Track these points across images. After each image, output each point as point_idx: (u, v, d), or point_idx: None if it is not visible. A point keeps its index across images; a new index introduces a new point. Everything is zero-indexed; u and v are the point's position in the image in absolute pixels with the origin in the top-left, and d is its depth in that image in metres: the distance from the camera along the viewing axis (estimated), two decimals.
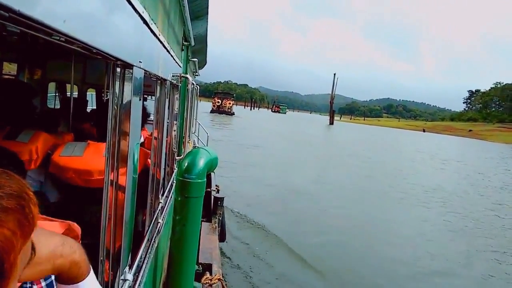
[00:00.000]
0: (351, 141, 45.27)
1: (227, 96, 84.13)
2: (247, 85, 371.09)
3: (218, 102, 78.56)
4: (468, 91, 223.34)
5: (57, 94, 5.39)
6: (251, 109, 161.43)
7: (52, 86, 5.25)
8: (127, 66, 1.23)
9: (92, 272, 0.82)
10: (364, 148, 36.21)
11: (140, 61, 1.35)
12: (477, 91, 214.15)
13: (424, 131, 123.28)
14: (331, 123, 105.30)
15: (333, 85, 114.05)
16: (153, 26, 1.58)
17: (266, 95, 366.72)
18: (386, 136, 71.51)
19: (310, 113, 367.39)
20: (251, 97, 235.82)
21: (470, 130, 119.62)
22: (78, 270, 0.76)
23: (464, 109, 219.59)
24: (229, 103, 79.08)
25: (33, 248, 0.64)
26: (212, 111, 73.92)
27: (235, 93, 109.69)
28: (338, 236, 9.82)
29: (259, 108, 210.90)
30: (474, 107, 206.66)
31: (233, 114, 77.70)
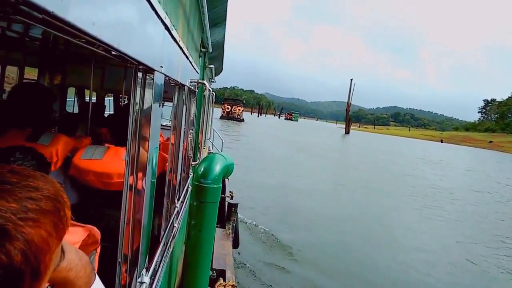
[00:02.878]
0: (388, 156, 39.18)
1: (236, 102, 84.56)
2: (253, 91, 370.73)
3: (228, 108, 79.14)
4: (483, 100, 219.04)
5: (76, 99, 5.49)
6: (258, 116, 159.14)
7: (71, 91, 5.35)
8: (148, 70, 1.25)
9: (96, 284, 0.80)
10: (429, 174, 27.97)
11: (161, 66, 1.37)
12: (493, 100, 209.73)
13: (441, 141, 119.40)
14: (347, 132, 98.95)
15: (349, 92, 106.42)
16: (174, 32, 1.60)
17: (272, 101, 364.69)
18: (414, 147, 67.22)
19: (317, 120, 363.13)
20: (258, 103, 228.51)
21: (490, 142, 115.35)
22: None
23: (479, 118, 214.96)
24: (239, 110, 79.48)
25: (62, 251, 0.65)
26: (221, 117, 74.07)
27: (237, 98, 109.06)
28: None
29: (266, 114, 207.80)
30: (489, 117, 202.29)
31: (242, 120, 77.99)
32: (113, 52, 0.87)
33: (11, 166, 0.54)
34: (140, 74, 1.22)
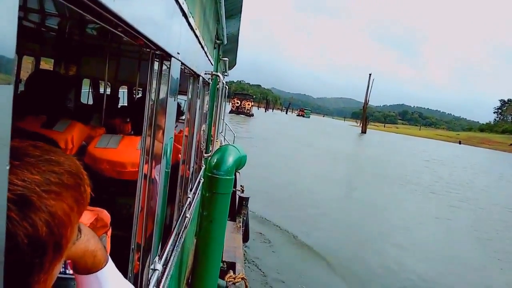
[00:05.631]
0: (448, 167, 32.52)
1: (246, 97, 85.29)
2: (259, 85, 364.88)
3: (238, 103, 79.94)
4: (500, 100, 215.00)
5: (90, 90, 5.54)
6: (265, 111, 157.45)
7: (86, 82, 5.40)
8: (166, 56, 1.23)
9: (111, 261, 0.79)
10: None
11: (178, 53, 1.35)
12: (510, 100, 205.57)
13: (460, 143, 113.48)
14: (364, 131, 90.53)
15: (367, 88, 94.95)
16: (191, 19, 1.58)
17: (279, 96, 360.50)
18: (449, 152, 61.05)
19: (323, 116, 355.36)
20: (266, 98, 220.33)
21: (511, 144, 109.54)
22: (94, 259, 0.73)
23: (495, 119, 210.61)
24: (248, 104, 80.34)
25: (79, 229, 0.64)
26: (231, 112, 74.22)
27: (247, 93, 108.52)
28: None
29: (273, 110, 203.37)
30: (505, 118, 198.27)
31: (252, 115, 78.51)
32: (130, 32, 0.85)
33: (34, 141, 0.54)
34: (157, 60, 1.21)
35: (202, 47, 2.32)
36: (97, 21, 0.73)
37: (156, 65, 1.21)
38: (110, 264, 0.79)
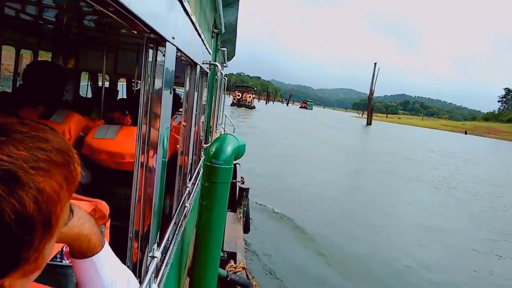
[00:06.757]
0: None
1: (247, 89, 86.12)
2: (259, 77, 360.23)
3: (239, 95, 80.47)
4: (505, 89, 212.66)
5: (89, 83, 5.52)
6: (266, 103, 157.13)
7: (84, 76, 5.39)
8: (160, 40, 1.21)
9: (107, 246, 0.79)
10: None
11: (173, 38, 1.33)
12: None
13: (466, 133, 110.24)
14: (369, 123, 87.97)
15: (372, 77, 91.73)
16: (186, 4, 1.56)
17: (279, 88, 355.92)
18: (475, 145, 59.13)
19: (324, 107, 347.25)
20: (266, 90, 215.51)
21: None
22: (88, 243, 0.73)
23: (499, 108, 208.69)
24: (250, 97, 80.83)
25: (71, 210, 0.63)
26: (232, 104, 74.93)
27: (248, 85, 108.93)
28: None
29: (273, 102, 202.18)
30: (510, 107, 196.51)
31: (253, 107, 79.12)
32: (122, 12, 0.83)
33: (21, 119, 0.53)
34: (151, 46, 1.19)
35: (199, 34, 2.29)
36: (88, 0, 0.72)
37: (150, 51, 1.20)
38: (106, 248, 0.79)
